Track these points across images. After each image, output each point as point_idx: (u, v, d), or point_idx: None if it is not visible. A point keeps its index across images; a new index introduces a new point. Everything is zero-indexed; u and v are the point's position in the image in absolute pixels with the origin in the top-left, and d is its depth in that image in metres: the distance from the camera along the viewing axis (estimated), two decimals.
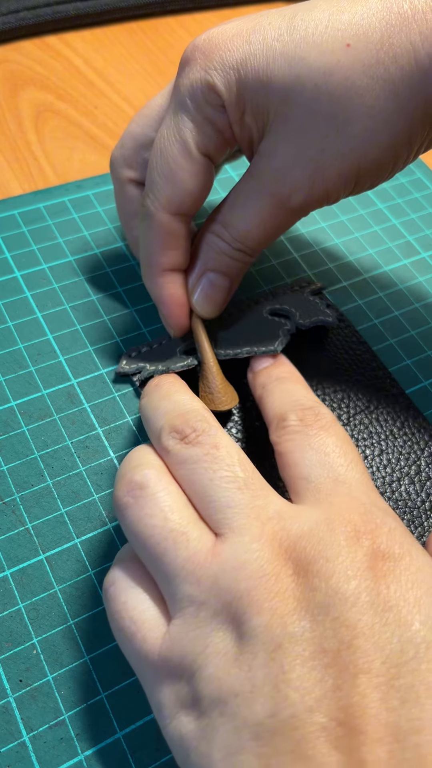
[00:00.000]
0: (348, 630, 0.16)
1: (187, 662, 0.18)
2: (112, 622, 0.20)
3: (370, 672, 0.16)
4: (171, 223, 0.26)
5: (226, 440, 0.21)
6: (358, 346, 0.32)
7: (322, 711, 0.15)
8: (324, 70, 0.22)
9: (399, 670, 0.16)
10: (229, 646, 0.17)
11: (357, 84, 0.22)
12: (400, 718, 0.15)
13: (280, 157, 0.24)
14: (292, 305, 0.31)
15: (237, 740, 0.16)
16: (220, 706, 0.16)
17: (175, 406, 0.23)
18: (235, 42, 0.24)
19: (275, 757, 0.15)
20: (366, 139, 0.23)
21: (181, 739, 0.17)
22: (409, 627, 0.16)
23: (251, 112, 0.24)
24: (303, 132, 0.23)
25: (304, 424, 0.22)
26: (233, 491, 0.20)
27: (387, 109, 0.23)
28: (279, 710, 0.16)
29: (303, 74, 0.23)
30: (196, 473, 0.20)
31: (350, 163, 0.24)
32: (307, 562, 0.18)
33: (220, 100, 0.24)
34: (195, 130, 0.25)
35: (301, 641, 0.16)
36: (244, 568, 0.18)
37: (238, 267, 0.27)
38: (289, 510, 0.19)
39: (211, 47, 0.24)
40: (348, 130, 0.23)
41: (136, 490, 0.20)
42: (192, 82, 0.24)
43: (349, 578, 0.17)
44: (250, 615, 0.17)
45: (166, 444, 0.21)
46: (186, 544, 0.19)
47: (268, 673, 0.16)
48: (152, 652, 0.18)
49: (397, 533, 0.19)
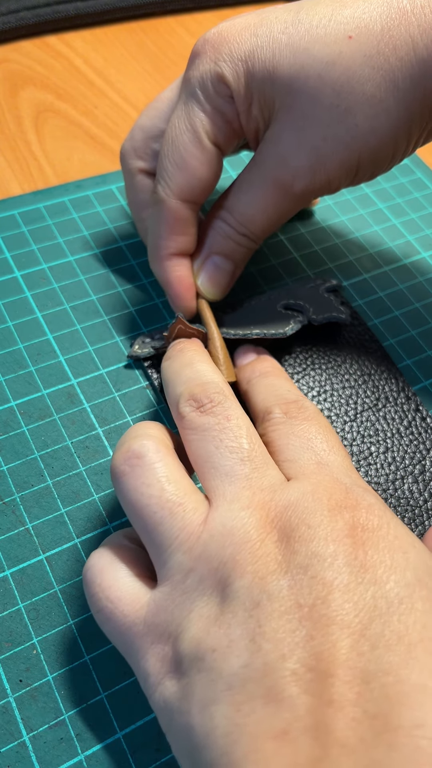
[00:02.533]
0: (324, 586, 0.17)
1: (172, 626, 0.18)
2: (90, 605, 0.20)
3: (343, 623, 0.16)
4: (181, 209, 0.27)
5: (238, 413, 0.22)
6: (369, 344, 0.32)
7: (294, 658, 0.16)
8: (327, 60, 0.24)
9: (371, 621, 0.16)
10: (212, 609, 0.18)
11: (358, 74, 0.23)
12: (369, 662, 0.16)
13: (283, 145, 0.25)
14: (306, 300, 0.31)
15: (212, 692, 0.16)
16: (198, 663, 0.17)
17: (196, 375, 0.23)
18: (244, 35, 0.25)
19: (247, 702, 0.16)
20: (367, 128, 0.24)
21: (165, 703, 0.18)
22: (383, 585, 0.17)
23: (258, 102, 0.25)
24: (306, 120, 0.24)
25: (288, 416, 0.23)
26: (235, 461, 0.20)
27: (387, 99, 0.24)
28: (252, 660, 0.16)
29: (307, 64, 0.24)
30: (204, 440, 0.21)
31: (351, 152, 0.25)
32: (290, 529, 0.18)
33: (229, 91, 0.25)
34: (206, 120, 0.26)
35: (279, 598, 0.17)
36: (231, 535, 0.18)
37: (242, 252, 0.29)
38: (281, 483, 0.20)
39: (220, 40, 0.25)
40: (350, 119, 0.24)
41: (134, 459, 0.20)
42: (202, 74, 0.25)
43: (328, 542, 0.18)
44: (233, 578, 0.18)
45: (183, 410, 0.22)
46: (182, 515, 0.19)
47: (245, 629, 0.17)
48: (136, 623, 0.19)
49: (376, 508, 0.19)
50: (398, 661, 0.16)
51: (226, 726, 0.16)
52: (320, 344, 0.31)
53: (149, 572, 0.21)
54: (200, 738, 0.16)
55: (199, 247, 0.29)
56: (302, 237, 0.37)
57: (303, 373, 0.30)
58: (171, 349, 0.26)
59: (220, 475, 0.20)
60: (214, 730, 0.16)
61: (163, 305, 0.32)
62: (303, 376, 0.30)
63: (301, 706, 0.15)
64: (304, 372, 0.30)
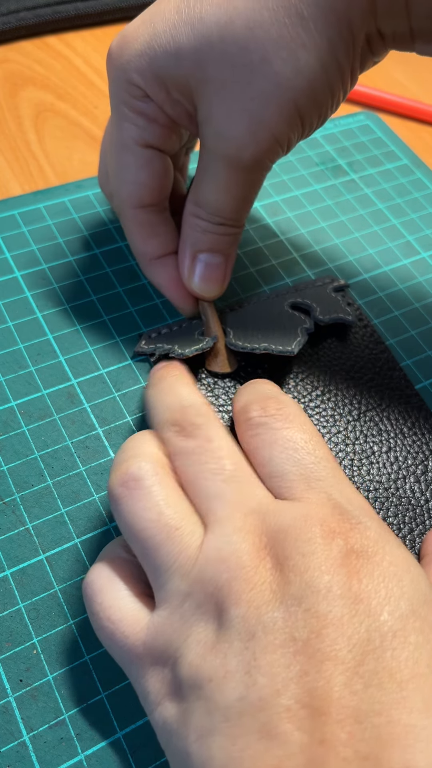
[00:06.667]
0: (318, 620, 0.17)
1: (171, 650, 0.18)
2: (92, 622, 0.21)
3: (336, 659, 0.16)
4: (140, 215, 0.27)
5: (219, 434, 0.22)
6: (375, 346, 0.32)
7: (288, 694, 0.16)
8: (224, 20, 0.22)
9: (364, 657, 0.16)
10: (209, 635, 0.18)
11: (259, 21, 0.22)
12: (361, 701, 0.16)
13: (215, 120, 0.24)
14: (313, 300, 0.31)
15: (209, 722, 0.17)
16: (197, 690, 0.17)
17: (177, 400, 0.23)
18: (141, 30, 0.24)
19: (243, 736, 0.16)
20: (289, 71, 0.22)
21: (164, 723, 0.18)
22: (377, 617, 0.17)
23: (174, 87, 0.24)
24: (226, 88, 0.23)
25: (266, 414, 0.22)
26: (219, 483, 0.20)
27: (298, 35, 0.22)
28: (248, 693, 0.16)
29: (206, 32, 0.23)
30: (188, 464, 0.21)
31: (284, 101, 0.23)
32: (284, 557, 0.18)
33: (141, 90, 0.25)
34: (130, 127, 0.26)
35: (273, 630, 0.17)
36: (225, 560, 0.18)
37: (227, 240, 0.28)
38: (270, 504, 0.20)
39: (121, 46, 0.25)
40: (267, 70, 0.23)
41: (131, 481, 0.20)
42: (115, 85, 0.25)
43: (322, 573, 0.18)
44: (228, 605, 0.18)
45: (166, 436, 0.22)
46: (180, 539, 0.19)
47: (241, 660, 0.17)
48: (136, 645, 0.19)
49: (371, 531, 0.19)
50: (390, 701, 0.16)
51: (222, 758, 0.16)
52: (325, 343, 0.31)
53: (148, 589, 0.21)
54: (197, 766, 0.17)
55: (183, 248, 0.28)
56: (302, 237, 0.37)
57: (307, 372, 0.30)
58: (152, 376, 0.26)
59: (209, 498, 0.20)
60: (210, 760, 0.16)
61: (163, 305, 0.32)
62: (307, 375, 0.30)
63: (294, 743, 0.15)
64: (308, 371, 0.30)
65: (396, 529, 0.26)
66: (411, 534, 0.26)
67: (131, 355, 0.30)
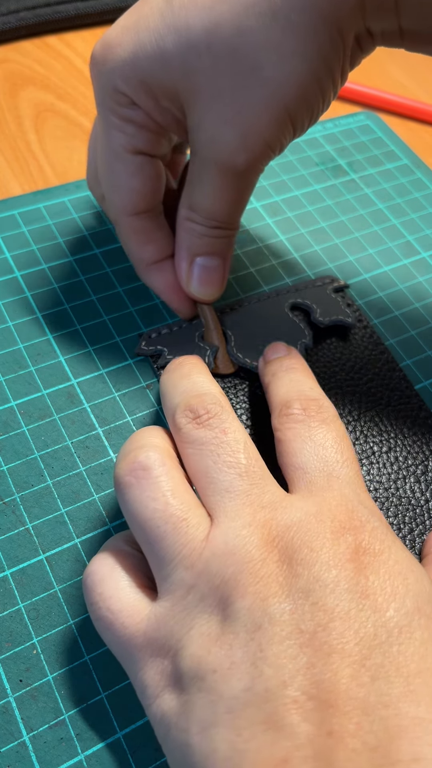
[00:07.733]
0: (325, 614, 0.17)
1: (172, 641, 0.18)
2: (90, 613, 0.20)
3: (343, 652, 0.16)
4: (134, 222, 0.27)
5: (235, 426, 0.22)
6: (374, 346, 0.32)
7: (295, 685, 0.16)
8: (211, 27, 0.22)
9: (371, 651, 0.16)
10: (213, 627, 0.18)
11: (248, 26, 0.22)
12: (369, 693, 0.16)
13: (206, 127, 0.24)
14: (313, 300, 0.31)
15: (212, 714, 0.16)
16: (198, 682, 0.17)
17: (193, 386, 0.23)
18: (125, 37, 0.24)
19: (247, 728, 0.16)
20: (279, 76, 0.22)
21: (162, 716, 0.18)
22: (383, 613, 0.17)
23: (162, 95, 0.24)
24: (216, 96, 0.23)
25: (306, 414, 0.23)
26: (233, 476, 0.20)
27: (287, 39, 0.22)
28: (254, 684, 0.16)
29: (193, 38, 0.22)
30: (201, 454, 0.21)
31: (275, 106, 0.23)
32: (293, 550, 0.18)
33: (128, 98, 0.24)
34: (118, 134, 0.25)
35: (280, 622, 0.17)
36: (233, 554, 0.18)
37: (223, 243, 0.28)
38: (282, 500, 0.20)
39: (104, 52, 0.24)
40: (258, 75, 0.22)
41: (139, 470, 0.20)
42: (101, 93, 0.25)
43: (330, 567, 0.18)
44: (234, 598, 0.18)
45: (179, 422, 0.22)
46: (185, 530, 0.19)
47: (247, 651, 0.17)
48: (136, 635, 0.19)
49: (379, 531, 0.19)
50: (397, 693, 0.16)
51: (226, 750, 0.16)
52: (325, 344, 0.31)
53: (149, 581, 0.21)
54: (199, 758, 0.16)
55: (180, 252, 0.28)
56: (302, 237, 0.37)
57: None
58: (170, 364, 0.26)
59: (220, 491, 0.20)
60: (213, 752, 0.16)
61: (163, 305, 0.32)
62: None
63: (302, 734, 0.15)
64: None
65: (396, 529, 0.26)
66: (411, 534, 0.26)
67: (131, 355, 0.30)
